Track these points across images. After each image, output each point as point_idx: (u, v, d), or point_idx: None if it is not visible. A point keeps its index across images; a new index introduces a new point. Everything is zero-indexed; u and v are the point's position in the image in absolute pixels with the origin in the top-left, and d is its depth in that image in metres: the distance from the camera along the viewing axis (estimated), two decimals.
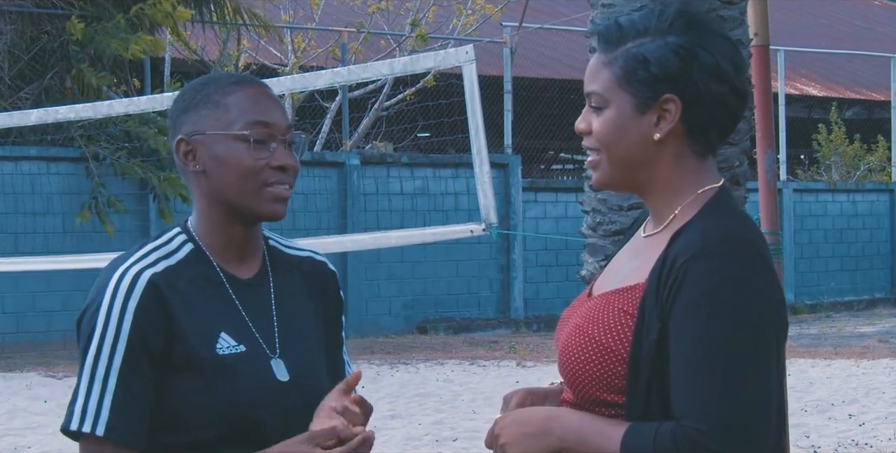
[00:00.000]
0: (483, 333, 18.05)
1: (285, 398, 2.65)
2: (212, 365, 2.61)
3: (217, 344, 2.63)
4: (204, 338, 2.63)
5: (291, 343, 2.71)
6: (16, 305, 15.69)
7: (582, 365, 2.42)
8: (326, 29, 20.56)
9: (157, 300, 2.62)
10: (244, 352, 2.65)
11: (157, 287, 2.63)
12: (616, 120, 2.45)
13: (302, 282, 2.79)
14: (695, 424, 2.28)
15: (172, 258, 2.68)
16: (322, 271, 2.84)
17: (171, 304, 2.63)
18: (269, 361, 2.67)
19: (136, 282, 2.62)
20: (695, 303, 2.32)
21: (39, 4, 16.50)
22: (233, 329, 2.66)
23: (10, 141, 15.94)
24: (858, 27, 33.34)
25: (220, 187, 2.67)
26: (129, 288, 2.62)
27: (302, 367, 2.69)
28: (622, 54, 2.45)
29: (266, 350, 2.68)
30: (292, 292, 2.76)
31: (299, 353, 2.71)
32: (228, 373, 2.62)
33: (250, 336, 2.67)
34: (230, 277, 2.70)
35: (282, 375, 2.67)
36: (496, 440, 2.44)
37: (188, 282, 2.66)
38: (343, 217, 17.63)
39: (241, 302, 2.69)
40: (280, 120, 2.68)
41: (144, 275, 2.63)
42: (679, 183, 2.47)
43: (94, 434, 2.58)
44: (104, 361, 2.60)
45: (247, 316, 2.69)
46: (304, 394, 2.66)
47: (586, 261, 5.40)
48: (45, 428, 10.28)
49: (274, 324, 2.71)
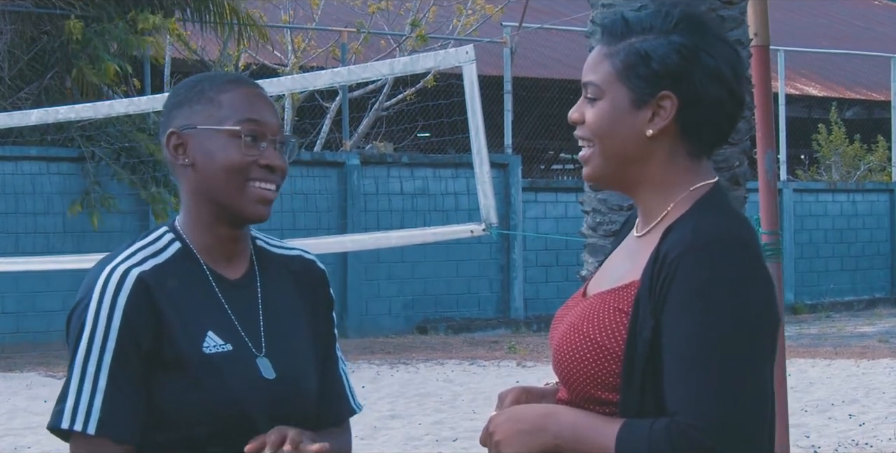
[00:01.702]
0: (483, 333, 18.05)
1: (272, 395, 2.66)
2: (199, 364, 2.63)
3: (204, 342, 2.65)
4: (191, 336, 2.64)
5: (278, 342, 2.72)
6: (16, 305, 15.69)
7: (576, 363, 2.43)
8: (326, 29, 20.56)
9: (145, 298, 2.63)
10: (231, 351, 2.66)
11: (145, 285, 2.64)
12: (610, 112, 2.46)
13: (290, 282, 2.80)
14: (689, 420, 2.29)
15: (160, 257, 2.69)
16: (311, 269, 2.85)
17: (159, 302, 2.64)
18: (255, 360, 2.68)
19: (125, 279, 2.64)
20: (687, 299, 2.33)
21: (39, 4, 16.50)
22: (219, 328, 2.67)
23: (10, 141, 15.94)
24: (858, 27, 33.34)
25: (207, 182, 2.68)
26: (118, 285, 2.63)
27: (288, 366, 2.70)
28: (625, 48, 2.47)
29: (252, 349, 2.69)
30: (280, 292, 2.77)
31: (286, 352, 2.72)
32: (215, 372, 2.63)
33: (237, 335, 2.68)
34: (217, 277, 2.71)
35: (268, 373, 2.68)
36: (491, 437, 2.44)
37: (176, 280, 2.67)
38: (343, 217, 17.63)
39: (228, 301, 2.71)
40: (272, 120, 2.71)
41: (133, 273, 2.64)
42: (671, 181, 2.48)
43: (86, 432, 2.59)
44: (94, 358, 2.62)
45: (233, 315, 2.70)
46: (291, 392, 2.69)
47: (586, 261, 5.40)
48: (44, 428, 10.27)
49: (260, 323, 2.72)
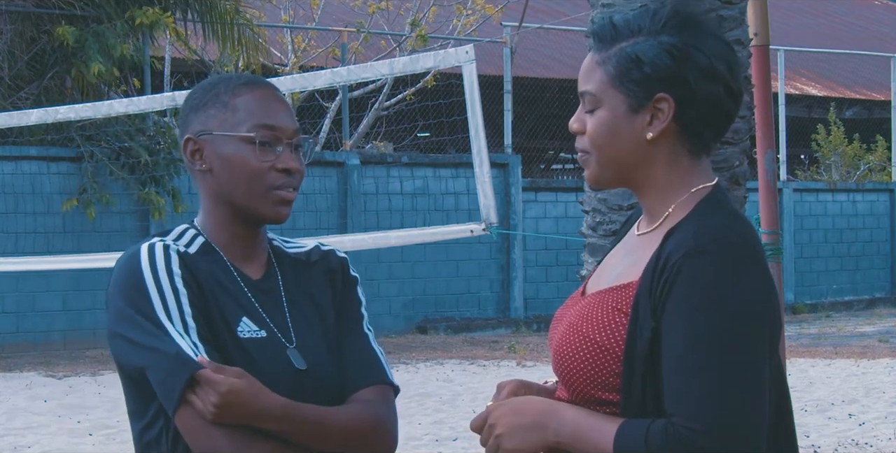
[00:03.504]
0: (483, 333, 18.05)
1: (302, 385, 2.67)
2: (233, 347, 2.63)
3: (238, 327, 2.66)
4: (226, 319, 2.65)
5: (306, 336, 2.73)
6: (16, 305, 15.68)
7: (576, 363, 2.43)
8: (326, 29, 20.56)
9: (188, 270, 2.64)
10: (264, 338, 2.67)
11: (185, 260, 2.65)
12: (609, 120, 2.45)
13: (310, 277, 2.80)
14: (686, 422, 2.28)
15: (189, 248, 2.71)
16: (329, 256, 2.85)
17: (199, 279, 2.65)
18: (285, 350, 2.69)
19: (168, 251, 2.65)
20: (687, 302, 2.32)
21: (39, 4, 16.50)
22: (252, 316, 2.69)
23: (10, 141, 15.94)
24: (858, 27, 33.33)
25: (225, 187, 2.70)
26: (165, 254, 2.64)
27: (317, 358, 2.71)
28: (615, 54, 2.46)
29: (283, 340, 2.70)
30: (301, 290, 2.78)
31: (314, 346, 2.73)
32: (248, 357, 2.63)
33: (267, 326, 2.69)
34: (241, 274, 2.73)
35: (299, 364, 2.69)
36: (491, 429, 2.44)
37: (206, 270, 2.68)
38: (343, 217, 17.63)
39: (254, 297, 2.72)
40: (287, 123, 2.71)
41: (172, 248, 2.66)
42: (672, 182, 2.47)
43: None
44: (175, 313, 2.59)
45: (261, 310, 2.71)
46: (319, 384, 2.69)
47: (586, 261, 5.40)
48: (45, 428, 10.28)
49: (287, 317, 2.73)
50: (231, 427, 2.54)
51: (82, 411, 11.04)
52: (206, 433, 2.54)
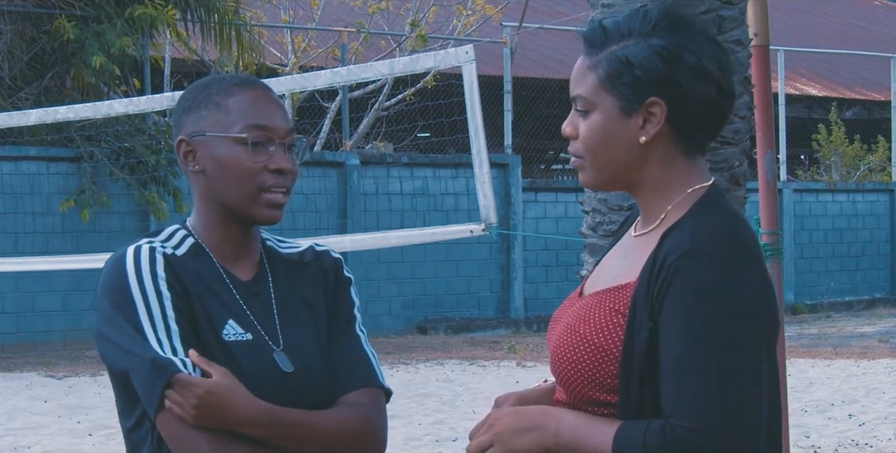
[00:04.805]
0: (483, 333, 18.05)
1: (289, 388, 2.66)
2: (217, 351, 2.63)
3: (224, 330, 2.65)
4: (211, 322, 2.65)
5: (294, 338, 2.72)
6: (16, 305, 15.68)
7: (574, 364, 2.43)
8: (326, 29, 20.56)
9: (173, 273, 2.64)
10: (250, 341, 2.67)
11: (171, 264, 2.65)
12: (602, 124, 2.45)
13: (302, 278, 2.79)
14: (684, 422, 2.28)
15: (177, 249, 2.70)
16: (323, 256, 2.84)
17: (184, 282, 2.65)
18: (272, 353, 2.68)
19: (154, 254, 2.65)
20: (685, 302, 2.32)
21: (39, 4, 16.49)
22: (238, 319, 2.68)
23: (9, 141, 15.94)
24: (858, 27, 33.33)
25: (218, 188, 2.69)
26: (150, 257, 2.64)
27: (305, 361, 2.70)
28: (606, 57, 2.45)
29: (270, 342, 2.69)
30: (292, 292, 2.77)
31: (302, 348, 2.72)
32: (233, 360, 2.63)
33: (254, 328, 2.69)
34: (230, 276, 2.72)
35: (286, 367, 2.68)
36: (491, 429, 2.44)
37: (193, 271, 2.68)
38: (343, 217, 17.63)
39: (243, 299, 2.71)
40: (280, 123, 2.70)
41: (158, 251, 2.66)
42: (668, 183, 2.47)
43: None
44: (157, 313, 2.60)
45: (249, 311, 2.70)
46: (307, 386, 2.68)
47: (586, 261, 5.40)
48: (45, 428, 10.27)
49: (276, 320, 2.72)
50: (211, 430, 2.54)
51: (82, 411, 11.04)
52: (187, 436, 2.55)
